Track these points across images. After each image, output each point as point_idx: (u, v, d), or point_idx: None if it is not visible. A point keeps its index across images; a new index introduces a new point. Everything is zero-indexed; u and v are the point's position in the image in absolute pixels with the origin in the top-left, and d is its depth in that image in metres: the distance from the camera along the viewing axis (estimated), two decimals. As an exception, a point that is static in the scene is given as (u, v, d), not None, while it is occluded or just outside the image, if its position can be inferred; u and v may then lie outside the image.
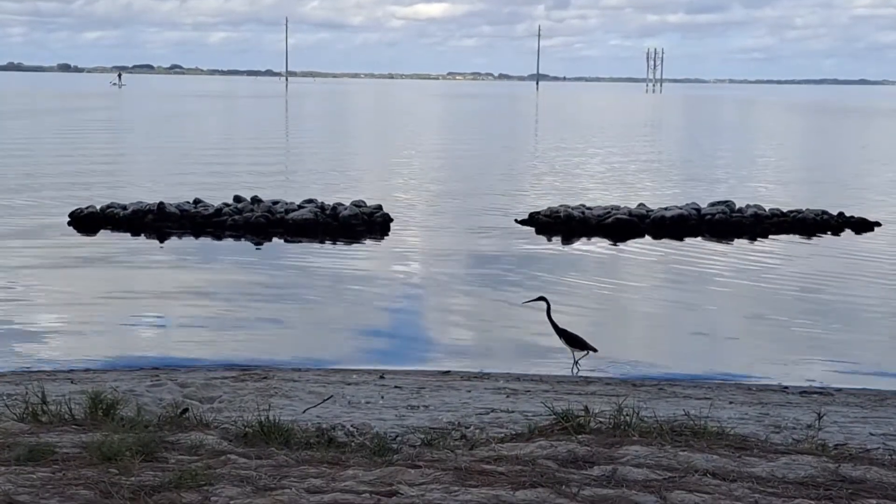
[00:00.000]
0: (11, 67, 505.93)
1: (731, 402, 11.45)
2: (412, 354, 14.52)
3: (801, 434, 8.99)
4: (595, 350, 14.08)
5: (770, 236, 26.75)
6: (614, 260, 23.53)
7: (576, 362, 14.00)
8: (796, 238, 26.68)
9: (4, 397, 10.04)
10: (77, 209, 26.75)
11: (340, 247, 24.64)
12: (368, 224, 26.59)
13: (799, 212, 28.28)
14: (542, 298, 14.35)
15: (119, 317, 16.99)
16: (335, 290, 19.25)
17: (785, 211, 28.40)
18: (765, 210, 28.31)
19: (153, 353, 14.54)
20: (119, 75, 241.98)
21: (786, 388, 12.90)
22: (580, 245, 25.19)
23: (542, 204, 29.72)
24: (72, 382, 11.82)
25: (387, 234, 26.08)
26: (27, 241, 23.90)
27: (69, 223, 26.20)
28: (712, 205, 28.55)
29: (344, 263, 22.39)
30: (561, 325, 14.17)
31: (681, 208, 28.08)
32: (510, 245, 24.64)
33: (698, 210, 28.03)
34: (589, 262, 23.08)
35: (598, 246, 25.01)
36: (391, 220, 27.13)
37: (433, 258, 23.01)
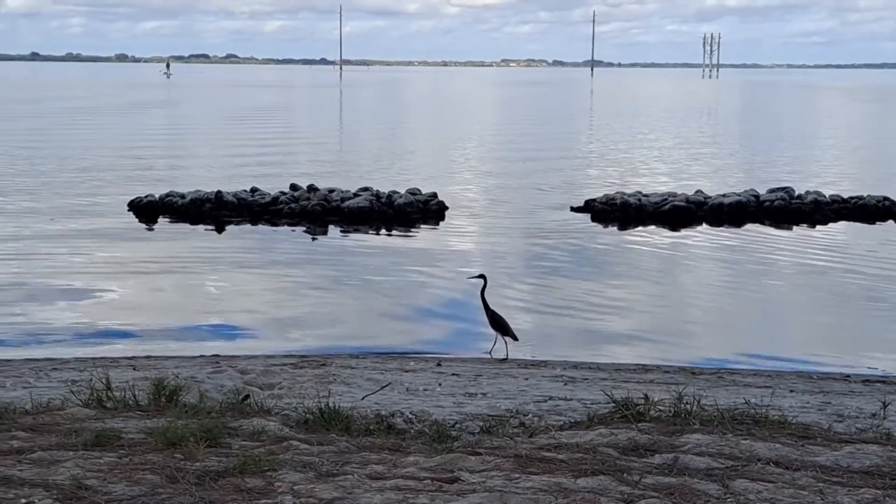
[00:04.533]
0: (70, 58, 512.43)
1: (791, 391, 11.33)
2: (469, 342, 14.53)
3: (864, 423, 8.88)
4: (516, 339, 13.96)
5: (830, 223, 26.44)
6: (671, 247, 23.37)
7: (495, 344, 13.96)
8: (857, 225, 26.34)
9: (69, 383, 10.22)
10: (136, 198, 27.07)
11: (396, 235, 24.72)
12: (423, 212, 26.63)
13: (860, 198, 27.89)
14: (481, 276, 14.34)
15: (178, 304, 17.19)
16: (391, 278, 19.31)
17: (845, 197, 28.02)
18: (825, 196, 27.95)
19: (213, 340, 14.69)
20: (167, 64, 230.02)
21: (848, 376, 12.74)
22: (636, 232, 25.05)
23: (598, 191, 29.59)
24: (134, 369, 11.97)
25: (442, 222, 26.11)
26: (87, 230, 24.22)
27: (129, 211, 26.53)
28: (771, 191, 28.24)
29: (399, 251, 22.45)
30: (492, 308, 14.12)
31: (739, 195, 27.81)
32: (566, 232, 24.55)
33: (757, 196, 27.74)
34: (646, 250, 22.94)
35: (654, 233, 24.87)
36: (446, 207, 27.15)
37: (488, 246, 22.99)
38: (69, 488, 5.87)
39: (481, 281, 14.21)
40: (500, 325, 13.99)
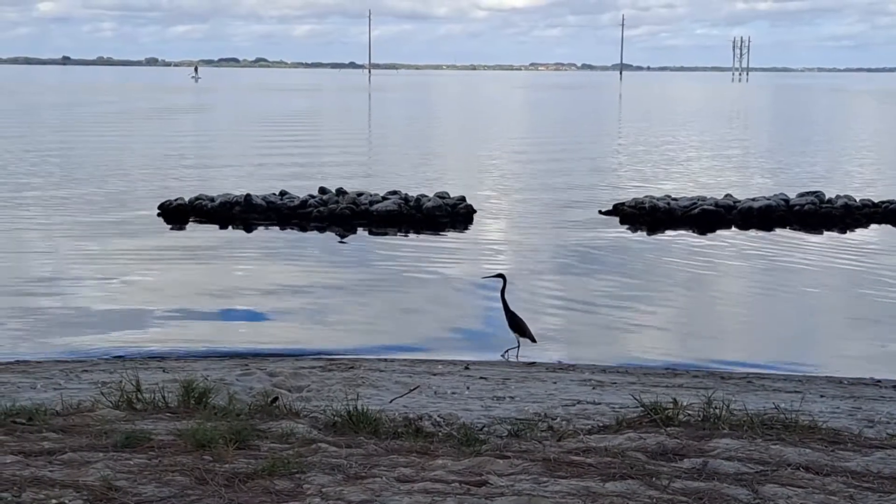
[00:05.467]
0: (101, 62, 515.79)
1: (822, 396, 11.25)
2: (497, 346, 14.50)
3: (895, 429, 8.81)
4: (534, 341, 14.02)
5: (861, 228, 26.24)
6: (700, 251, 23.25)
7: (518, 347, 13.99)
8: (888, 229, 26.13)
9: (100, 385, 10.29)
10: (166, 201, 27.21)
11: (424, 238, 24.73)
12: (452, 215, 26.65)
13: (891, 202, 27.64)
14: (500, 276, 14.40)
15: (207, 307, 17.27)
16: (419, 281, 19.34)
17: (876, 202, 27.80)
18: (855, 201, 27.76)
19: (242, 343, 14.75)
20: (195, 68, 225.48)
21: (878, 381, 12.63)
22: (665, 236, 24.96)
23: (627, 195, 29.51)
24: (163, 371, 12.04)
25: (470, 225, 26.12)
26: (117, 233, 24.37)
27: (158, 215, 26.68)
28: (801, 195, 28.08)
29: (428, 254, 22.46)
30: (512, 309, 14.17)
31: (769, 199, 27.67)
32: (594, 236, 24.50)
33: (787, 201, 27.59)
34: (674, 254, 22.84)
35: (683, 237, 24.77)
36: (475, 211, 27.15)
37: (517, 249, 22.98)
38: (99, 489, 5.91)
39: (500, 281, 14.26)
40: (518, 327, 14.05)
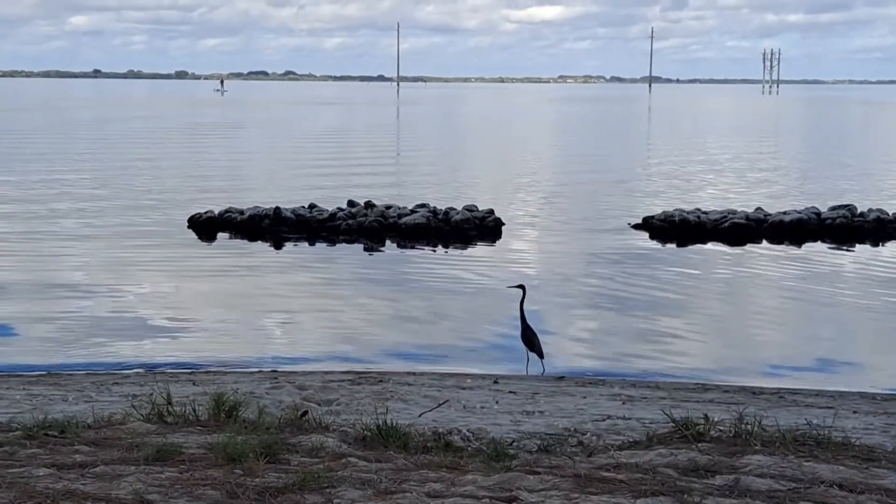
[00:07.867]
0: (131, 75, 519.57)
1: (854, 412, 11.15)
2: (526, 359, 14.47)
3: (930, 446, 8.70)
4: (542, 357, 14.04)
5: (893, 241, 26.02)
6: (731, 265, 23.15)
7: (528, 361, 14.05)
8: (921, 243, 25.92)
9: (130, 398, 10.33)
10: (196, 214, 27.36)
11: (453, 251, 24.73)
12: (480, 228, 26.65)
13: (924, 216, 27.44)
14: (521, 286, 14.47)
15: (236, 319, 17.33)
16: (448, 295, 19.32)
17: (909, 215, 27.59)
18: (888, 214, 27.52)
19: (271, 356, 14.79)
20: (221, 81, 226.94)
21: (912, 397, 12.52)
22: (696, 250, 24.84)
23: (657, 208, 29.40)
24: (193, 384, 12.08)
25: (498, 239, 26.10)
26: (148, 246, 24.48)
27: (188, 227, 26.82)
28: (833, 209, 27.89)
29: (456, 268, 22.45)
30: (528, 321, 14.23)
31: (800, 212, 27.50)
32: (624, 250, 24.42)
33: (818, 214, 27.41)
34: (705, 268, 22.74)
35: (714, 251, 24.64)
36: (503, 224, 27.14)
37: (545, 262, 22.94)
38: (131, 503, 5.93)
39: (520, 291, 14.28)
40: (528, 340, 14.14)
